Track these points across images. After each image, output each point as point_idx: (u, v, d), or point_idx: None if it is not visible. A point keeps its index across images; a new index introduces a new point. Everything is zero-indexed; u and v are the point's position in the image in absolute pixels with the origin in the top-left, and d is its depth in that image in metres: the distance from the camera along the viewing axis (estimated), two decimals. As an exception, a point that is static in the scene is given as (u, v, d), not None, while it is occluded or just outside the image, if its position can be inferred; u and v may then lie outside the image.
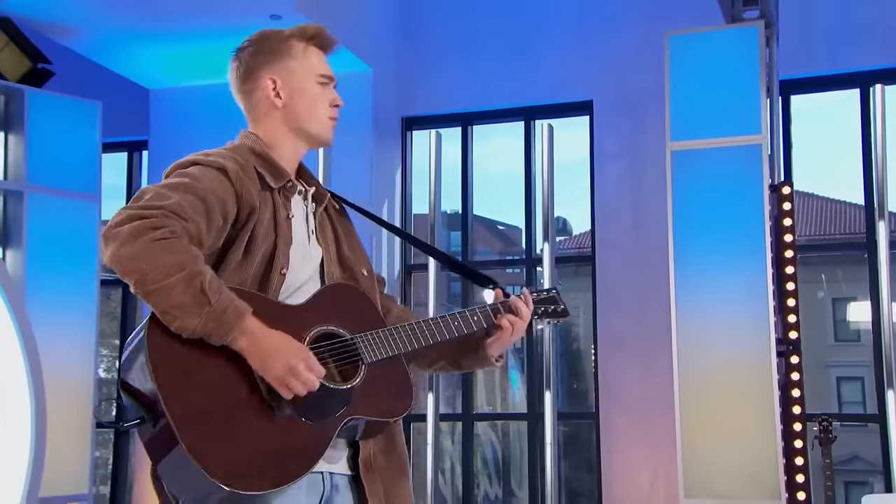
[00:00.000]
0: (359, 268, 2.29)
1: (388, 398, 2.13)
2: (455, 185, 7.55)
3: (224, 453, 1.87)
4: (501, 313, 2.29)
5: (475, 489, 8.21)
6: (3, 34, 6.85)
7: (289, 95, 2.25)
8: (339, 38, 6.91)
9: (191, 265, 1.88)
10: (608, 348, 6.92)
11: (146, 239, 1.86)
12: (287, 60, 2.27)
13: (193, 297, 1.86)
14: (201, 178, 2.03)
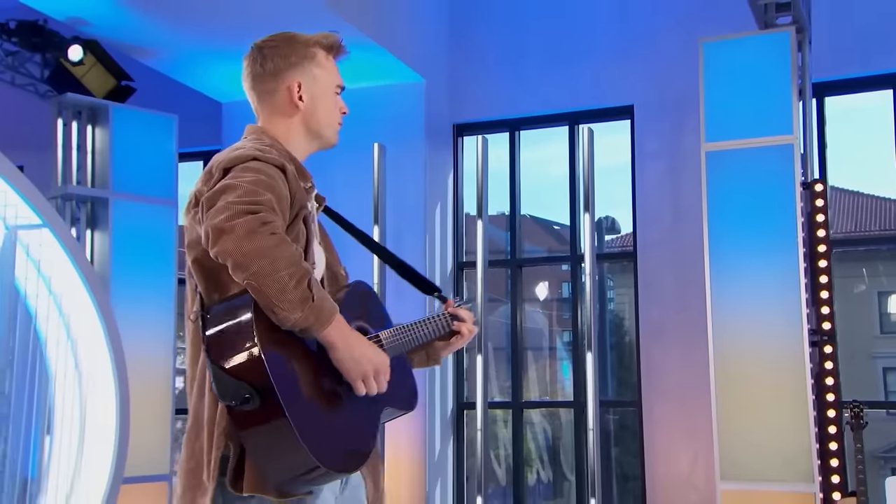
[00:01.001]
0: (338, 268, 2.35)
1: (403, 391, 2.23)
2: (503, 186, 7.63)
3: (322, 436, 1.92)
4: (459, 321, 2.40)
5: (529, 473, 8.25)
6: (91, 55, 7.10)
7: (310, 100, 2.26)
8: (395, 52, 7.06)
9: (299, 262, 1.90)
10: (650, 339, 6.93)
11: (264, 235, 1.86)
12: (312, 67, 2.27)
13: (300, 293, 1.87)
14: (273, 176, 2.03)
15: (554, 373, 8.76)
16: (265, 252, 1.83)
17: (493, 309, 7.83)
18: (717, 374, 5.46)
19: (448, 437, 7.41)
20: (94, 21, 6.82)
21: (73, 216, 6.55)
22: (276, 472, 1.94)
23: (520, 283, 7.60)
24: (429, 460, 7.22)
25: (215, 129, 7.82)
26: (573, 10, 7.43)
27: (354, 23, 6.66)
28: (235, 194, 1.92)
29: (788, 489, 5.22)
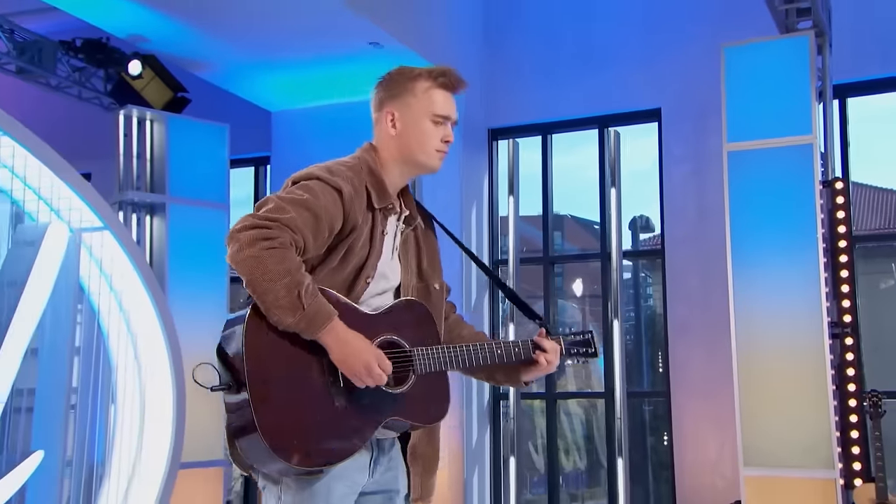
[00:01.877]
0: (433, 281, 2.39)
1: (428, 407, 2.24)
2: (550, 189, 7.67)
3: (290, 436, 2.01)
4: (539, 350, 2.38)
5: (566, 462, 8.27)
6: (150, 69, 7.30)
7: (403, 128, 2.32)
8: (430, 59, 7.15)
9: (294, 273, 2.00)
10: (677, 333, 6.93)
11: (260, 247, 1.99)
12: (408, 97, 2.33)
13: (291, 301, 1.99)
14: (319, 196, 2.12)
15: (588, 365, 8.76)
16: (258, 264, 1.97)
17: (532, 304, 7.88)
18: (740, 366, 5.47)
19: (485, 427, 7.47)
20: (152, 37, 7.00)
21: (137, 219, 6.76)
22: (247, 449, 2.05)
23: (552, 278, 7.64)
24: (466, 448, 7.30)
25: (265, 137, 7.97)
26: (602, 18, 7.45)
27: (395, 35, 6.76)
28: (265, 208, 2.07)
29: (809, 475, 5.22)
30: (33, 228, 5.22)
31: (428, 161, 2.35)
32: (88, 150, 7.44)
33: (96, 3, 6.47)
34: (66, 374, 5.41)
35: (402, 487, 2.29)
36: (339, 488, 2.11)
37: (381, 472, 2.24)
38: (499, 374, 2.45)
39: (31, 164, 5.15)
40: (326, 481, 2.09)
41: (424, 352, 2.22)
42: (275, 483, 2.11)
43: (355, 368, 2.05)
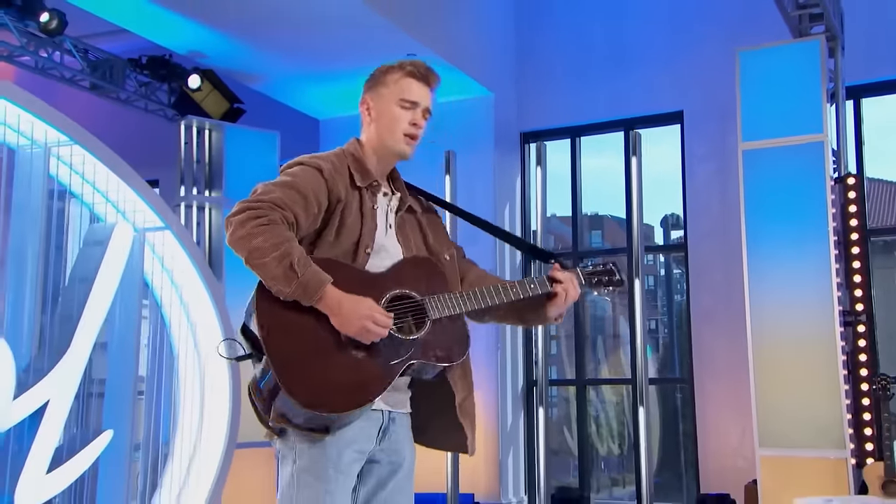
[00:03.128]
0: (442, 253, 2.38)
1: (448, 347, 2.22)
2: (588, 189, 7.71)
3: (308, 386, 2.04)
4: (557, 282, 2.32)
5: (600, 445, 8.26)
6: (208, 82, 7.50)
7: (377, 115, 2.35)
8: (466, 70, 7.24)
9: (284, 246, 2.04)
10: (700, 322, 6.94)
11: (251, 225, 2.05)
12: (381, 88, 2.37)
13: (284, 272, 2.03)
14: (301, 176, 2.19)
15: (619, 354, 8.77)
16: (250, 241, 2.03)
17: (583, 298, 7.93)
18: (755, 352, 5.49)
19: (519, 411, 7.55)
20: (210, 53, 7.21)
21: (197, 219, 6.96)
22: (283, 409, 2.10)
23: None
24: (501, 431, 7.38)
25: (313, 144, 8.10)
26: (627, 27, 7.49)
27: (430, 46, 6.87)
28: (254, 194, 2.15)
29: (822, 455, 5.23)
30: (102, 229, 5.40)
31: (396, 146, 2.33)
32: (156, 158, 7.67)
33: (160, 24, 6.69)
34: (133, 361, 5.60)
35: (408, 461, 2.30)
36: (348, 453, 2.14)
37: (387, 443, 2.24)
38: (528, 315, 2.41)
39: (99, 171, 5.34)
40: (337, 446, 2.12)
41: (436, 298, 2.21)
42: (290, 449, 2.15)
43: (354, 328, 2.07)
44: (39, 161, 5.18)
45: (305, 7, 6.33)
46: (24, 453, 4.88)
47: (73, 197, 5.46)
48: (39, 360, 5.01)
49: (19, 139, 5.13)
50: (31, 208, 5.16)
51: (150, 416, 5.75)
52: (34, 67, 7.24)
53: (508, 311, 2.41)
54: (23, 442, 4.87)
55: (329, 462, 2.11)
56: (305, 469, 2.11)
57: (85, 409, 5.55)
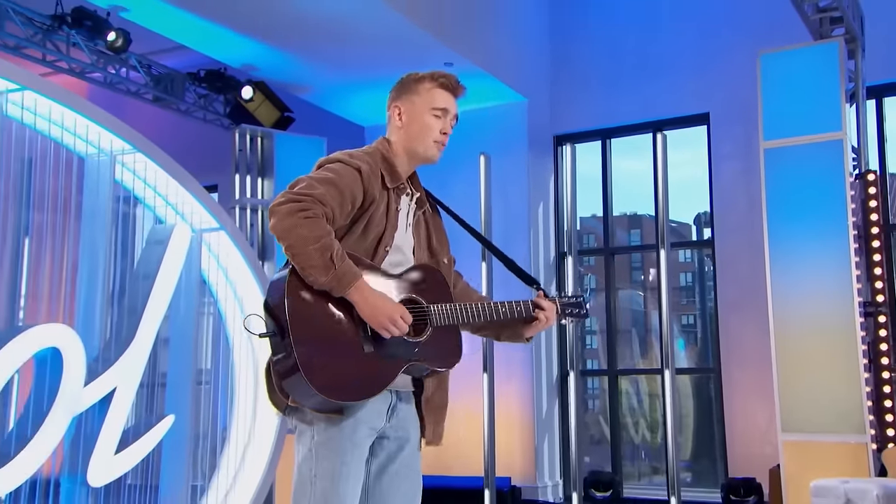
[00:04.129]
0: (441, 256, 2.46)
1: (444, 354, 2.30)
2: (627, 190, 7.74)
3: (323, 373, 2.10)
4: (539, 309, 2.44)
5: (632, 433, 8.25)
6: (260, 93, 7.69)
7: (408, 121, 2.40)
8: (500, 77, 7.34)
9: (325, 239, 2.11)
10: (727, 313, 6.94)
11: (298, 217, 2.10)
12: (413, 96, 2.41)
13: (324, 263, 2.09)
14: (342, 175, 2.24)
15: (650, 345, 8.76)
16: (295, 231, 2.09)
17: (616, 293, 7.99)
18: (778, 341, 5.50)
19: (553, 400, 7.61)
20: (262, 66, 7.41)
21: (250, 220, 7.17)
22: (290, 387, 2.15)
23: (612, 268, 7.73)
24: (537, 418, 7.45)
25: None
26: (656, 34, 7.51)
27: (467, 56, 6.97)
28: (299, 186, 2.21)
29: (842, 439, 5.22)
30: (162, 229, 5.60)
31: (426, 152, 2.40)
32: (214, 165, 7.87)
33: (216, 40, 6.91)
34: (192, 353, 5.80)
35: (413, 438, 2.35)
36: (361, 429, 2.20)
37: (396, 420, 2.30)
38: (504, 333, 2.52)
39: (160, 176, 5.54)
40: (352, 422, 2.18)
41: (439, 308, 2.29)
42: (309, 424, 2.20)
43: (381, 321, 2.15)
44: (106, 168, 5.40)
45: (350, 22, 6.48)
46: (95, 436, 5.10)
47: (136, 201, 5.68)
48: (107, 350, 5.23)
49: (88, 148, 5.35)
50: (100, 212, 5.38)
51: (210, 405, 5.96)
52: (103, 82, 7.48)
53: (487, 326, 2.49)
54: (93, 425, 5.08)
55: (345, 437, 2.17)
56: (323, 443, 2.18)
57: (150, 397, 5.77)
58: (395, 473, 2.31)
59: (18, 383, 4.86)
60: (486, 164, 6.61)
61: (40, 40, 6.67)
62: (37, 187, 5.21)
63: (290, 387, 2.15)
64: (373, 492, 2.29)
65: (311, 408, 2.17)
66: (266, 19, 6.53)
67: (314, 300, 2.14)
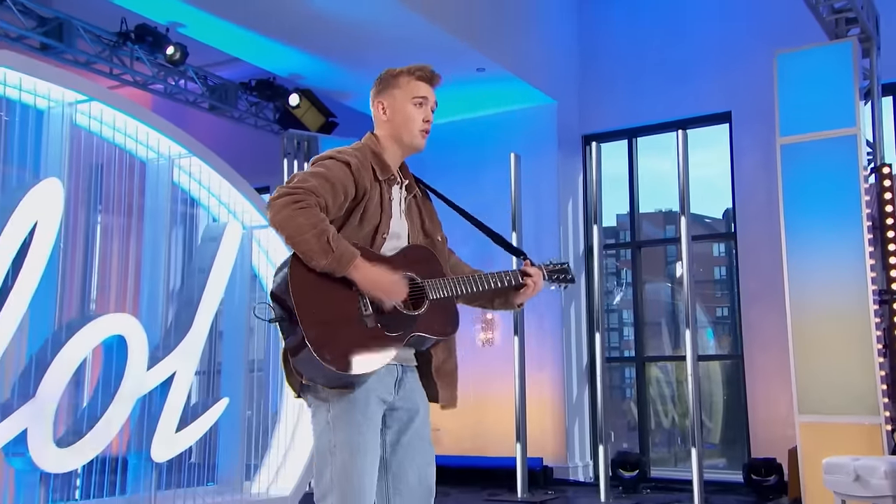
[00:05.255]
0: (435, 235, 2.52)
1: (442, 324, 2.37)
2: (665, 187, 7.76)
3: (331, 347, 2.15)
4: (527, 276, 2.52)
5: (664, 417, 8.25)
6: (306, 100, 7.90)
7: (392, 113, 2.45)
8: (531, 81, 7.44)
9: (321, 225, 2.17)
10: (749, 302, 6.95)
11: (293, 208, 2.16)
12: (394, 90, 2.47)
13: (321, 246, 2.14)
14: (333, 169, 2.29)
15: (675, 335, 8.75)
16: (292, 221, 2.15)
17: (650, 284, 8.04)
18: (794, 328, 5.51)
19: (584, 384, 7.69)
20: (307, 74, 7.61)
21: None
22: (303, 367, 2.20)
23: (639, 261, 7.77)
24: (567, 403, 7.54)
25: (398, 150, 8.40)
26: (679, 37, 7.54)
27: (498, 61, 7.07)
28: (293, 181, 2.26)
29: (857, 421, 5.22)
30: (216, 227, 5.82)
31: (413, 140, 2.45)
32: (266, 167, 8.10)
33: (265, 52, 7.13)
34: (245, 342, 6.01)
35: (423, 408, 2.40)
36: (373, 399, 2.26)
37: (403, 392, 2.36)
38: (497, 301, 2.58)
39: (213, 178, 5.77)
40: (363, 395, 2.24)
41: (434, 282, 2.35)
42: (324, 401, 2.25)
43: (381, 291, 2.21)
44: (165, 171, 5.64)
45: (388, 31, 6.64)
46: (157, 416, 5.33)
47: (193, 201, 5.91)
48: (168, 338, 5.46)
49: (148, 153, 5.60)
50: (160, 212, 5.62)
51: (262, 390, 6.17)
52: (164, 93, 7.75)
53: (481, 296, 2.56)
54: (156, 406, 5.32)
55: (357, 408, 2.23)
56: (338, 416, 2.23)
57: (208, 383, 6.01)
58: (408, 445, 2.37)
59: (91, 367, 5.12)
60: (515, 163, 6.72)
61: (107, 55, 6.95)
62: (104, 190, 5.47)
63: (302, 365, 2.20)
64: (390, 464, 2.35)
65: (324, 384, 2.22)
66: (310, 31, 6.72)
67: (316, 283, 2.18)
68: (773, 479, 6.16)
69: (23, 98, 4.90)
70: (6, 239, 4.55)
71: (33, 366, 4.70)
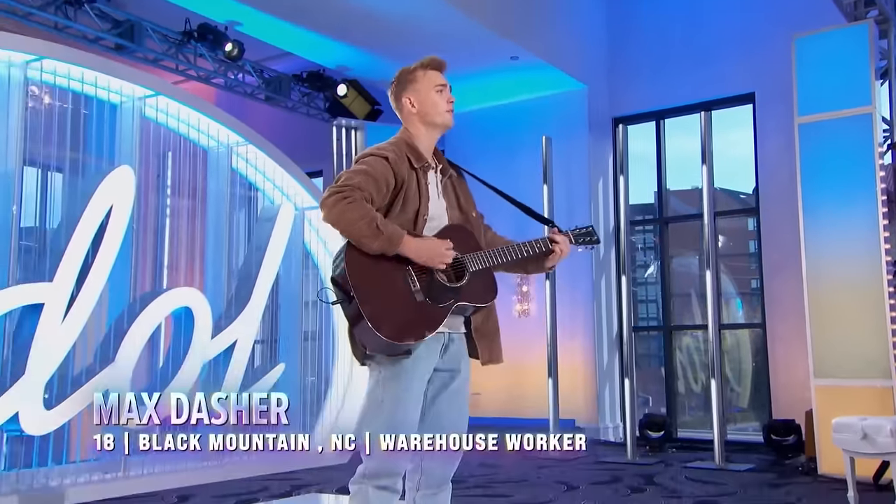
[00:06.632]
0: (470, 212, 2.61)
1: (483, 293, 2.49)
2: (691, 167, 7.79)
3: (386, 321, 2.30)
4: (555, 242, 2.60)
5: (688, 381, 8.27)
6: (353, 89, 8.06)
7: (420, 104, 2.55)
8: (562, 67, 7.47)
9: (369, 214, 2.31)
10: (770, 274, 6.95)
11: (343, 204, 2.31)
12: (415, 84, 2.57)
13: (372, 231, 2.29)
14: (373, 164, 2.43)
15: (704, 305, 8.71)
16: (344, 216, 2.31)
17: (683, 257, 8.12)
18: (811, 296, 5.52)
19: (614, 352, 7.78)
20: (354, 66, 7.77)
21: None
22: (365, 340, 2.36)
23: (666, 236, 7.80)
24: (598, 369, 7.65)
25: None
26: (704, 21, 7.50)
27: (531, 49, 7.14)
28: (339, 180, 2.40)
29: (870, 384, 5.22)
30: (271, 209, 6.06)
31: (443, 119, 2.56)
32: (319, 153, 8.30)
33: (315, 46, 7.31)
34: (299, 314, 6.25)
35: (464, 370, 2.52)
36: (421, 365, 2.41)
37: (447, 357, 2.49)
38: (530, 266, 2.68)
39: (268, 164, 6.00)
40: (412, 362, 2.38)
41: (472, 256, 2.48)
42: (379, 364, 2.41)
43: (431, 257, 2.37)
44: (224, 158, 5.89)
45: (427, 25, 6.75)
46: (221, 379, 5.62)
47: (250, 185, 6.15)
48: (229, 309, 5.74)
49: (209, 142, 5.85)
50: (221, 195, 5.88)
51: (315, 358, 6.41)
52: (224, 86, 8.00)
53: (517, 265, 2.66)
54: (220, 370, 5.61)
55: (406, 372, 2.39)
56: (389, 378, 2.40)
57: (266, 351, 6.28)
58: (445, 400, 2.50)
59: (163, 336, 5.42)
60: (546, 145, 6.80)
61: (174, 53, 7.21)
62: (171, 176, 5.74)
63: (364, 339, 2.35)
64: (427, 414, 2.48)
65: (383, 353, 2.37)
66: (356, 27, 6.87)
67: (369, 265, 2.33)
68: (791, 439, 6.20)
69: (98, 94, 5.18)
70: (86, 222, 4.85)
71: (112, 334, 5.01)
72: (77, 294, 4.75)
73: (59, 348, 4.68)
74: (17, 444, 4.60)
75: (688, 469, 5.90)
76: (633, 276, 8.21)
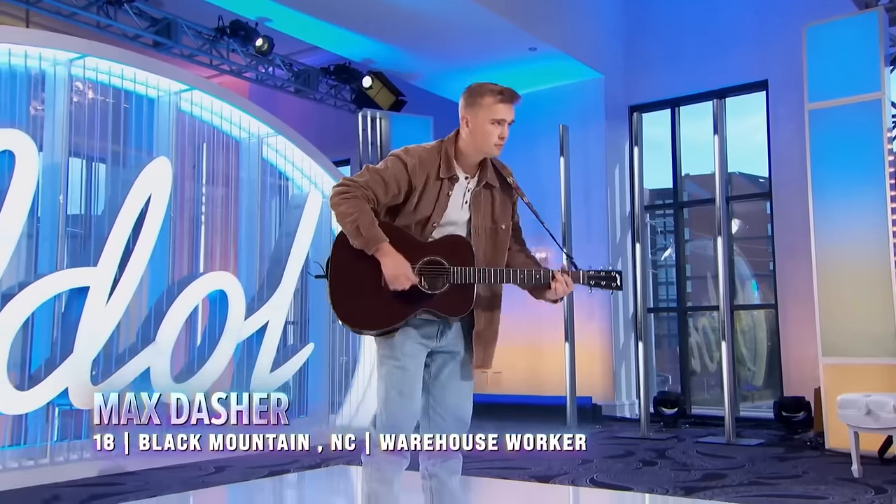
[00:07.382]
0: (501, 223, 2.62)
1: (453, 305, 2.52)
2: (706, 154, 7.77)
3: (344, 303, 2.45)
4: (554, 280, 2.53)
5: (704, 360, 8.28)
6: (378, 81, 8.13)
7: (473, 128, 2.54)
8: (579, 57, 7.50)
9: (359, 214, 2.42)
10: (782, 256, 6.94)
11: (340, 197, 2.44)
12: (477, 108, 2.54)
13: (353, 230, 2.42)
14: (391, 166, 2.50)
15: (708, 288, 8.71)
16: (338, 208, 2.45)
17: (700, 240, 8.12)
18: (819, 277, 5.53)
19: (630, 332, 7.84)
20: (378, 59, 7.84)
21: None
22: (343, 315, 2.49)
23: (681, 220, 7.81)
24: (615, 348, 7.71)
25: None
26: (717, 10, 7.47)
27: (548, 40, 7.17)
28: (356, 174, 2.52)
29: (876, 362, 5.24)
30: (300, 196, 6.20)
31: (489, 150, 2.57)
32: (346, 143, 8.39)
33: (342, 40, 7.38)
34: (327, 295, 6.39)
35: (462, 351, 2.59)
36: (409, 343, 2.50)
37: (445, 340, 2.56)
38: (535, 293, 2.68)
39: (296, 153, 6.13)
40: (401, 338, 2.50)
41: (459, 269, 2.51)
42: (377, 343, 2.54)
43: (391, 277, 2.44)
44: (255, 148, 6.03)
45: (449, 18, 6.79)
46: (254, 358, 5.79)
47: (280, 174, 6.29)
48: (261, 292, 5.90)
49: (241, 133, 5.99)
50: (252, 183, 6.03)
51: (343, 337, 6.56)
52: (255, 80, 8.13)
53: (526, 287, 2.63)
54: (253, 350, 5.78)
55: (396, 349, 2.49)
56: (384, 355, 2.54)
57: (297, 332, 6.44)
58: (446, 377, 2.61)
59: (200, 317, 5.60)
60: (564, 133, 6.84)
61: (207, 49, 7.35)
62: (205, 166, 5.90)
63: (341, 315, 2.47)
64: (432, 390, 2.61)
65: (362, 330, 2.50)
66: (381, 21, 6.94)
67: (354, 254, 2.46)
68: (801, 416, 6.24)
69: (137, 89, 5.34)
70: (127, 210, 5.02)
71: (152, 315, 5.20)
72: (120, 278, 4.94)
73: (103, 329, 4.87)
74: (66, 417, 4.81)
75: (699, 444, 5.97)
76: (652, 259, 8.26)
